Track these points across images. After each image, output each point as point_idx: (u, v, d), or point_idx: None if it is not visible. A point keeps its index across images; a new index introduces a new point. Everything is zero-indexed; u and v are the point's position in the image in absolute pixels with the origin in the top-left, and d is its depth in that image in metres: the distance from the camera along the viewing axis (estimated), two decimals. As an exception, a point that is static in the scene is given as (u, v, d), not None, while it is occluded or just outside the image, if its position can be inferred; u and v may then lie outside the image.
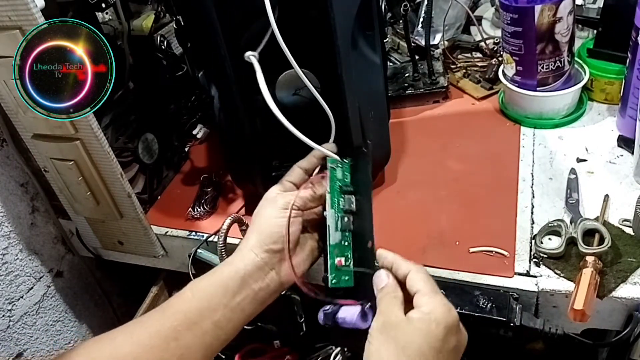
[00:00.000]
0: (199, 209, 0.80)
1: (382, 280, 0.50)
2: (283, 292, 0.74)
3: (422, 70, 0.98)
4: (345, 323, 0.51)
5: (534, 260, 0.65)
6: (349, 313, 0.51)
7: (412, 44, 0.97)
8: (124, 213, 0.76)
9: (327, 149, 0.59)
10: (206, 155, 0.94)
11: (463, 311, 0.60)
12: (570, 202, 0.70)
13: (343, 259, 0.54)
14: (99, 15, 0.76)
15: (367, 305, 0.50)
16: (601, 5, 0.87)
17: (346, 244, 0.55)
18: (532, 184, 0.75)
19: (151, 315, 0.52)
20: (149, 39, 0.82)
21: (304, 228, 0.57)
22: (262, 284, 0.53)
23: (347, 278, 0.53)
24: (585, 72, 0.85)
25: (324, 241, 0.57)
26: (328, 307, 0.53)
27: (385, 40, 0.94)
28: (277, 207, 0.54)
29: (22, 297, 0.88)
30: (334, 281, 0.52)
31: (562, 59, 0.81)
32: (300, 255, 0.56)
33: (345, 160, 0.60)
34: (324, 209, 0.56)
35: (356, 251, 0.55)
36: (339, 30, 0.60)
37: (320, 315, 0.53)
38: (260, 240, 0.53)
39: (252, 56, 0.57)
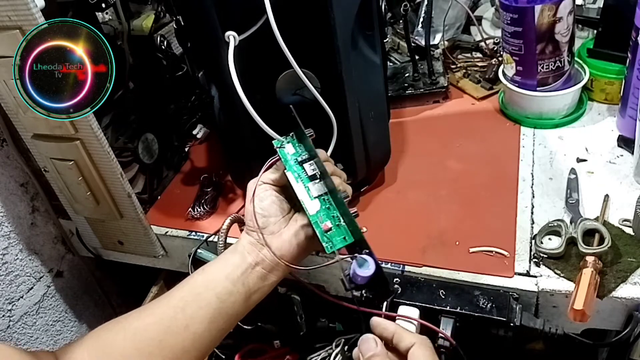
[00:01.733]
0: (199, 209, 0.80)
1: (369, 348, 0.50)
2: (282, 293, 0.74)
3: (422, 70, 0.98)
4: (357, 278, 0.52)
5: (534, 260, 0.65)
6: (352, 268, 0.52)
7: (412, 44, 0.97)
8: (124, 213, 0.76)
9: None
10: (206, 155, 0.94)
11: (463, 311, 0.60)
12: (570, 202, 0.70)
13: (329, 222, 0.54)
14: (99, 15, 0.76)
15: (359, 255, 0.52)
16: (601, 5, 0.87)
17: (328, 206, 0.56)
18: (532, 184, 0.75)
19: (168, 292, 0.58)
20: (149, 39, 0.82)
21: (293, 206, 0.60)
22: (257, 258, 0.57)
23: (343, 237, 0.54)
24: (585, 72, 0.85)
25: None
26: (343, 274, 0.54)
27: (385, 40, 0.94)
28: (248, 189, 0.60)
29: (22, 297, 0.89)
30: (329, 247, 0.53)
31: (562, 59, 0.81)
32: (289, 230, 0.57)
33: (287, 136, 0.60)
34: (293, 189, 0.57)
35: (340, 207, 0.55)
36: (339, 30, 0.60)
37: (348, 288, 0.54)
38: (246, 224, 0.59)
39: (231, 36, 0.57)
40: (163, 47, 0.83)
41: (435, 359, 0.48)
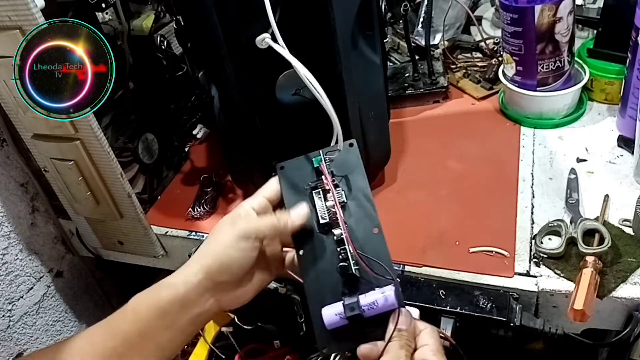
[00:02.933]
0: (199, 209, 0.80)
1: (405, 322, 0.46)
2: (283, 292, 0.74)
3: (422, 70, 0.98)
4: (377, 307, 0.47)
5: (534, 260, 0.65)
6: (378, 296, 0.47)
7: (412, 44, 0.97)
8: (124, 213, 0.76)
9: None
10: (206, 155, 0.94)
11: (463, 311, 0.60)
12: (570, 202, 0.70)
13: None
14: (99, 15, 0.76)
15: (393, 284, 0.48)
16: (601, 5, 0.87)
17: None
18: (532, 184, 0.75)
19: (97, 331, 0.51)
20: (149, 39, 0.82)
21: (260, 256, 0.51)
22: (201, 309, 0.50)
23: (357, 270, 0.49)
24: (585, 72, 0.85)
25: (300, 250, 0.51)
26: (346, 300, 0.48)
27: (385, 40, 0.94)
28: (236, 234, 0.49)
29: (22, 297, 0.88)
30: (353, 270, 0.48)
31: (562, 59, 0.81)
32: (246, 287, 0.51)
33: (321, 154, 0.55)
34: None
35: (359, 240, 0.51)
36: (339, 30, 0.60)
37: (338, 311, 0.48)
38: (207, 267, 0.49)
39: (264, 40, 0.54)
40: (163, 47, 0.83)
41: (438, 344, 0.45)
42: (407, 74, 0.99)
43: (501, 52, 0.91)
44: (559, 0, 0.76)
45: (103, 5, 0.71)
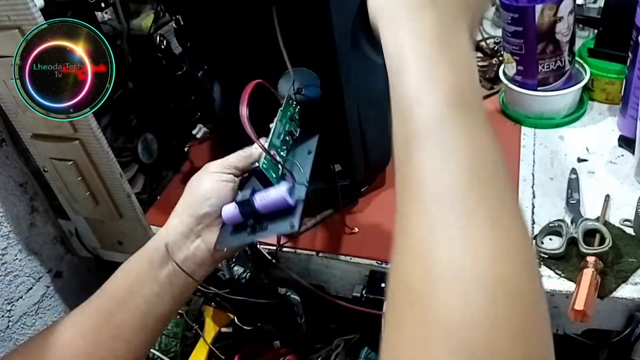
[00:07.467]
0: (198, 209, 0.80)
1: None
2: (282, 293, 0.74)
3: (422, 70, 0.97)
4: (268, 199, 0.49)
5: (535, 260, 0.65)
6: (273, 191, 0.50)
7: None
8: (123, 213, 0.76)
9: None
10: (206, 155, 0.94)
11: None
12: (571, 202, 0.70)
13: (276, 154, 0.54)
14: (99, 14, 0.76)
15: (291, 184, 0.51)
16: (602, 5, 0.87)
17: (285, 146, 0.56)
18: (533, 184, 0.75)
19: (91, 298, 0.52)
20: (149, 39, 0.82)
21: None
22: (187, 252, 0.51)
23: (274, 175, 0.52)
24: (586, 71, 0.85)
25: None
26: (239, 196, 0.52)
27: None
28: (207, 171, 0.53)
29: (21, 297, 0.88)
30: (264, 165, 0.52)
31: (563, 59, 0.81)
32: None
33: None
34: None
35: (290, 155, 0.57)
36: (339, 30, 0.60)
37: (232, 210, 0.50)
38: (185, 205, 0.52)
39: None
40: (162, 46, 0.83)
41: None
42: (407, 74, 0.98)
43: (502, 52, 0.90)
44: (559, 0, 0.75)
45: (102, 4, 0.71)
